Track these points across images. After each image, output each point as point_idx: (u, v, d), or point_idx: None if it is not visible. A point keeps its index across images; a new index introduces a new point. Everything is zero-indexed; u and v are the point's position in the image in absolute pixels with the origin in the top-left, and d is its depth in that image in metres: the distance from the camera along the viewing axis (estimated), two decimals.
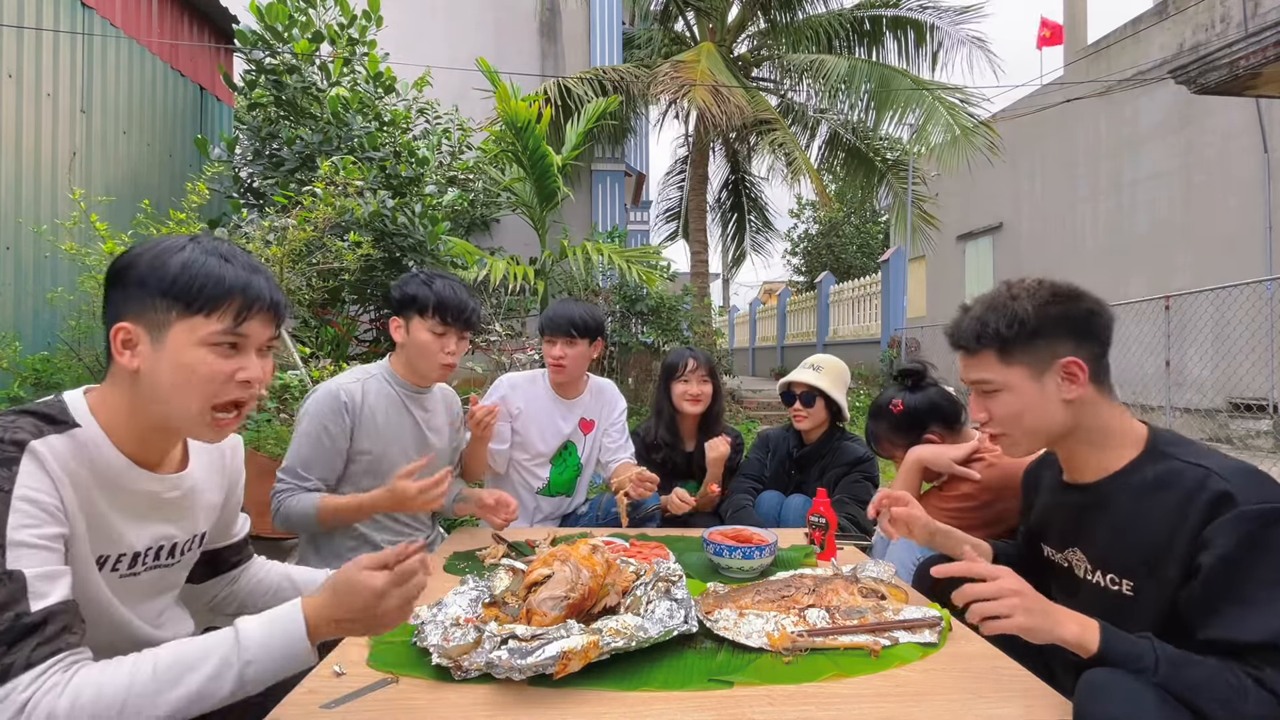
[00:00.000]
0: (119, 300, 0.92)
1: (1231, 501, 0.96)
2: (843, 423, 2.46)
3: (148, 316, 0.90)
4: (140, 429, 0.96)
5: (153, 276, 0.90)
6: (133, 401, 0.94)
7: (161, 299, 0.90)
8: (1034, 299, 1.12)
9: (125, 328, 0.91)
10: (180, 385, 0.92)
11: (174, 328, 0.91)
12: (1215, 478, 0.99)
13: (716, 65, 8.51)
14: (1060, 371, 1.11)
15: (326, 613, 0.87)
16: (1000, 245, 12.17)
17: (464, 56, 7.71)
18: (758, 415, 9.34)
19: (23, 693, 0.73)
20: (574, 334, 2.22)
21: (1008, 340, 1.13)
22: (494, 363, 5.14)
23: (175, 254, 0.91)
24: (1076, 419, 1.13)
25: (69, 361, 3.37)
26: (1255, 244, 7.64)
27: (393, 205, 4.36)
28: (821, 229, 23.00)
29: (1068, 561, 1.21)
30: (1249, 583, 0.93)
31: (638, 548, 1.64)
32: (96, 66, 4.09)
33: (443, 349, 1.79)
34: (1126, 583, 1.09)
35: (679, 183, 14.08)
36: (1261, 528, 0.94)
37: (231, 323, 0.92)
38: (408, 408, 1.85)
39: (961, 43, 9.93)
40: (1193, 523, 0.99)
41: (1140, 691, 0.90)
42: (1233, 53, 4.94)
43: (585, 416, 2.36)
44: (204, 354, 0.91)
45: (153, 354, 0.91)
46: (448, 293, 1.77)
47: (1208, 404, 7.52)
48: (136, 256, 0.92)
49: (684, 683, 1.02)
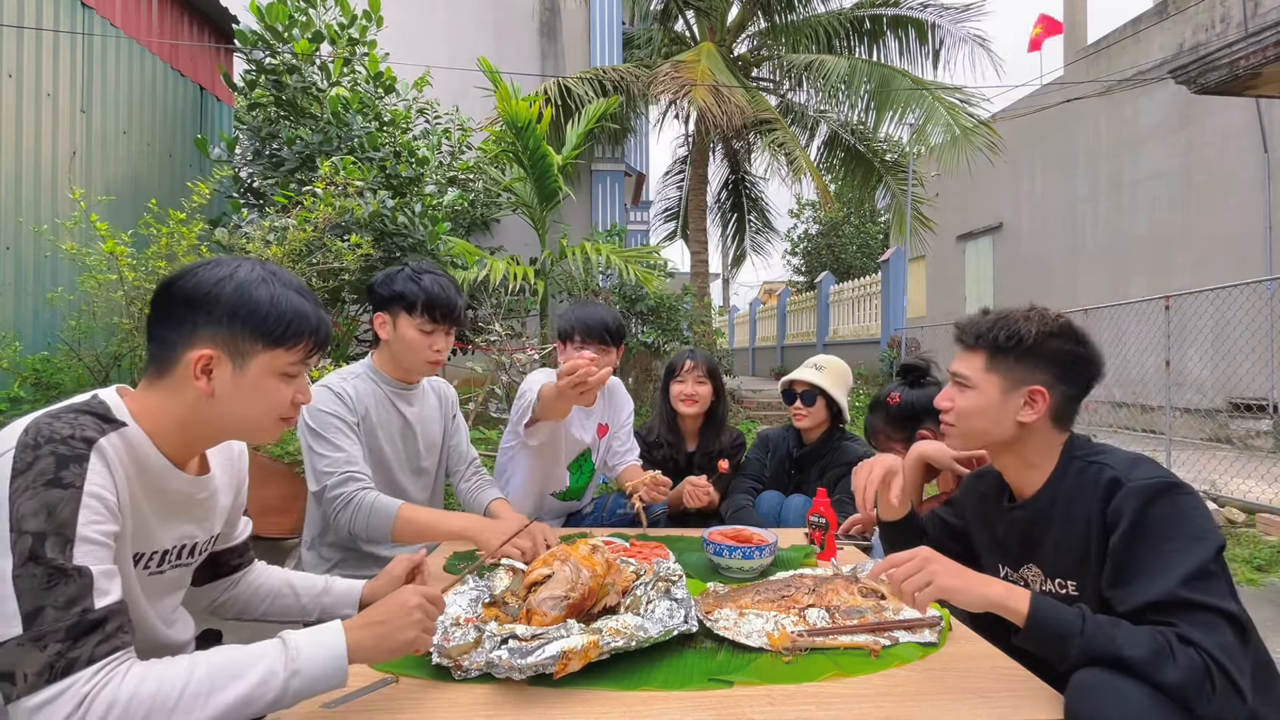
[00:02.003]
0: (199, 325, 0.95)
1: (1119, 483, 1.08)
2: (843, 423, 2.46)
3: (233, 346, 0.96)
4: (188, 437, 1.01)
5: (243, 310, 0.96)
6: (191, 415, 0.98)
7: (250, 332, 0.97)
8: (1042, 325, 1.21)
9: (209, 355, 0.95)
10: (253, 408, 1.00)
11: (258, 358, 0.98)
12: (1106, 469, 1.12)
13: (716, 65, 8.51)
14: (1025, 395, 1.20)
15: (360, 619, 0.93)
16: (1000, 245, 12.17)
17: (464, 56, 7.71)
18: (758, 415, 9.34)
19: (84, 686, 0.75)
20: (608, 340, 2.12)
21: (1000, 349, 1.22)
22: (494, 363, 5.14)
23: (260, 287, 0.98)
24: (1021, 440, 1.23)
25: (69, 361, 3.37)
26: (1255, 244, 7.64)
27: (393, 205, 4.36)
28: (821, 229, 23.00)
29: (1024, 580, 1.26)
30: (1146, 551, 1.04)
31: (638, 548, 1.63)
32: (96, 66, 4.09)
33: (430, 346, 1.74)
34: (1072, 584, 1.16)
35: (679, 183, 14.09)
36: (1146, 502, 1.05)
37: (304, 355, 1.02)
38: (395, 405, 1.82)
39: (963, 41, 9.92)
40: (1098, 512, 1.10)
41: (1131, 691, 0.90)
42: (1233, 53, 4.93)
43: (601, 421, 2.34)
44: (277, 382, 1.00)
45: (232, 380, 0.97)
46: (436, 290, 1.71)
47: (1208, 404, 7.52)
48: (217, 285, 0.96)
49: (684, 683, 1.02)
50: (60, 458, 0.82)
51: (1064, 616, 1.00)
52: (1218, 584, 0.99)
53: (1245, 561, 3.95)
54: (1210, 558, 1.00)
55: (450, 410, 2.02)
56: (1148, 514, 1.04)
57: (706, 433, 2.55)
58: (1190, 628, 0.94)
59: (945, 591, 1.05)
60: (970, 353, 1.27)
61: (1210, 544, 1.01)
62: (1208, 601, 0.96)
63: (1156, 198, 9.01)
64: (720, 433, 2.55)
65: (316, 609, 1.30)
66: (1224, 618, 0.96)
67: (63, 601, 0.77)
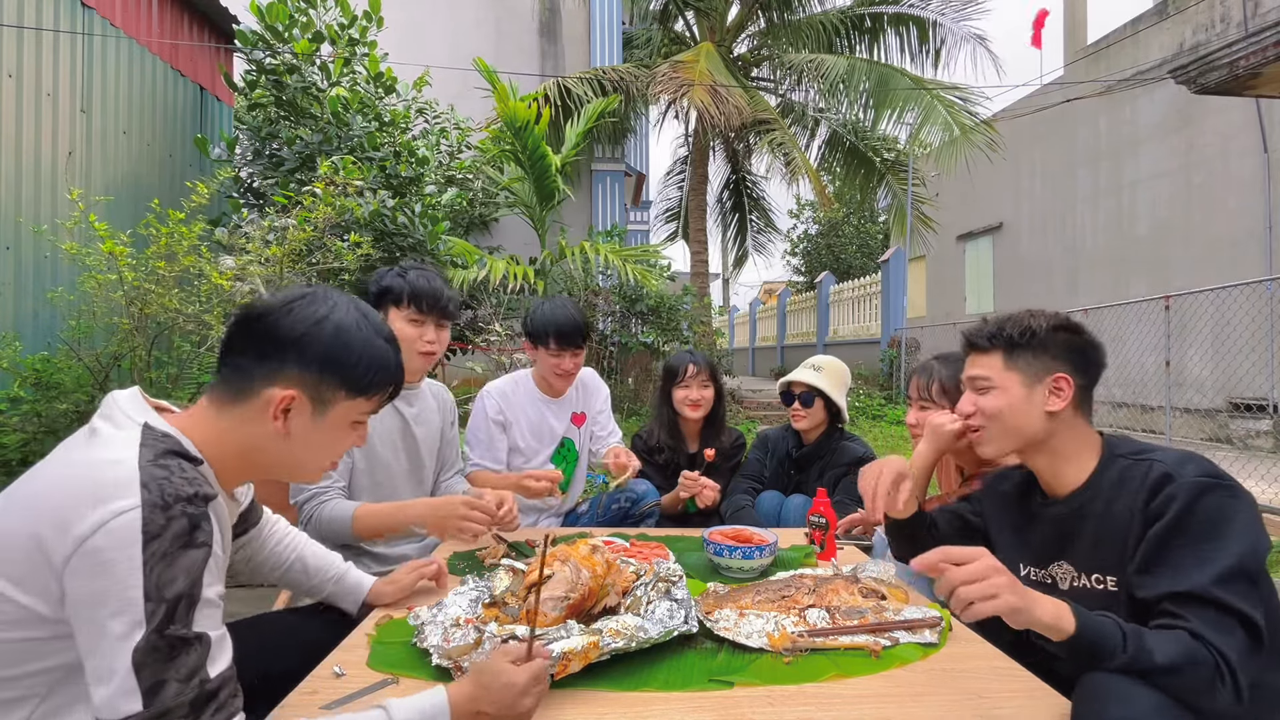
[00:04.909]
0: (286, 363, 0.93)
1: (1170, 478, 1.08)
2: (842, 423, 2.46)
3: (317, 391, 0.95)
4: (243, 467, 0.97)
5: (335, 359, 0.95)
6: (260, 449, 0.95)
7: (339, 380, 0.96)
8: (1050, 321, 1.25)
9: (293, 396, 0.93)
10: (321, 451, 0.99)
11: (339, 406, 0.97)
12: (1157, 464, 1.12)
13: (715, 65, 8.51)
14: (1050, 385, 1.22)
15: (469, 705, 0.88)
16: (1000, 245, 12.16)
17: (464, 56, 7.71)
18: (758, 415, 9.34)
19: None
20: (580, 343, 2.18)
21: (1016, 345, 1.24)
22: (494, 363, 5.14)
23: (355, 334, 0.96)
24: (1052, 431, 1.23)
25: (69, 361, 3.36)
26: (1255, 244, 7.64)
27: (393, 205, 4.36)
28: (821, 229, 22.99)
29: (1051, 577, 1.25)
30: (1183, 544, 1.03)
31: (638, 548, 1.64)
32: (96, 66, 4.09)
33: (421, 337, 1.78)
34: (1111, 579, 1.15)
35: (679, 183, 14.09)
36: (1194, 498, 1.04)
37: (379, 404, 1.02)
38: (394, 405, 1.83)
39: (965, 39, 9.92)
40: (1143, 506, 1.10)
41: (1138, 693, 0.90)
42: (1233, 53, 4.93)
43: (575, 410, 2.36)
44: (348, 430, 1.00)
45: (310, 424, 0.95)
46: (421, 282, 1.77)
47: (1208, 404, 7.52)
48: (315, 326, 0.94)
49: (684, 683, 1.02)
50: (191, 518, 0.78)
51: (1105, 630, 0.96)
52: (1251, 588, 0.98)
53: None
54: (1250, 560, 0.99)
55: (449, 416, 2.05)
56: (1194, 510, 1.03)
57: (707, 434, 2.55)
58: (1203, 625, 0.94)
59: (1007, 609, 0.97)
60: (984, 355, 1.28)
61: (1250, 546, 1.00)
62: (1232, 604, 0.96)
63: (1156, 198, 9.01)
64: (720, 433, 2.56)
65: (323, 592, 1.33)
66: (1241, 623, 0.95)
67: (184, 674, 0.75)
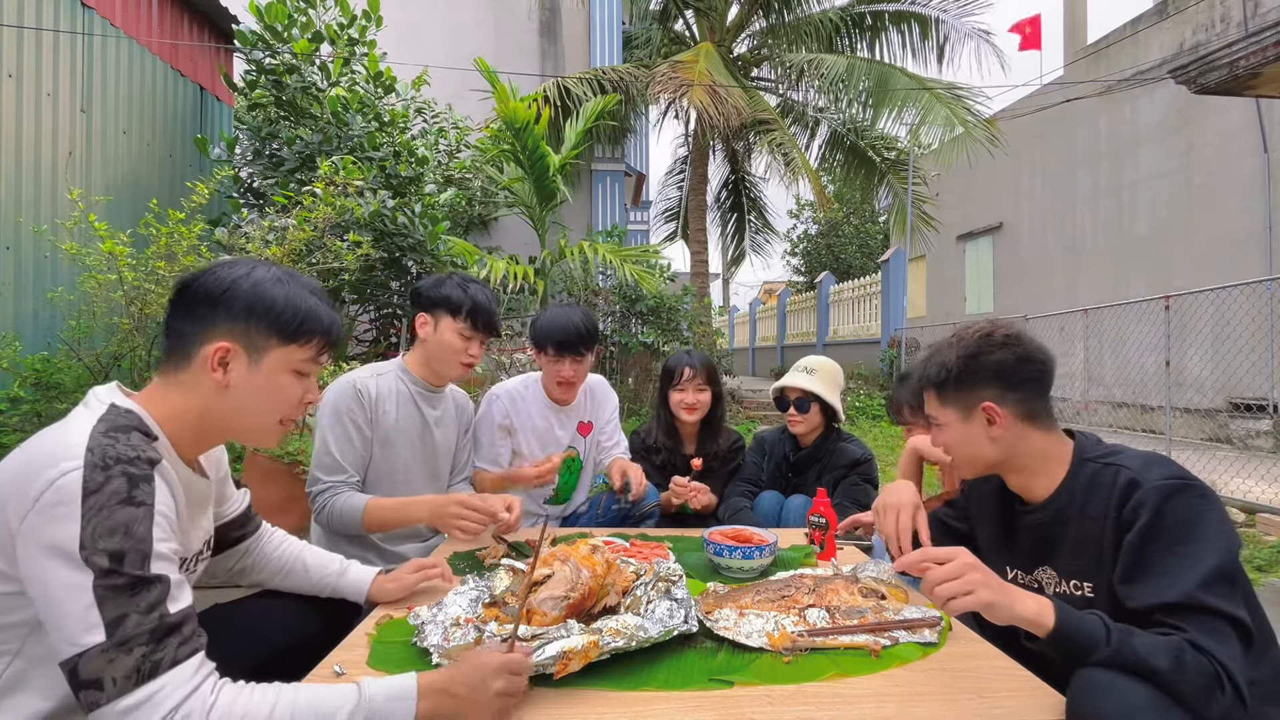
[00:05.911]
0: (217, 320, 0.99)
1: (1136, 484, 1.08)
2: (838, 424, 2.45)
3: (249, 340, 1.00)
4: (203, 435, 1.04)
5: (259, 306, 1.00)
6: (209, 410, 1.01)
7: (266, 327, 1.01)
8: (961, 349, 1.24)
9: (226, 348, 0.99)
10: (265, 402, 1.03)
11: (271, 353, 1.02)
12: (1123, 470, 1.12)
13: (715, 65, 8.51)
14: (980, 415, 1.22)
15: (439, 684, 0.90)
16: (1000, 245, 12.17)
17: (463, 56, 7.71)
18: (757, 415, 9.34)
19: (174, 691, 0.78)
20: (584, 351, 2.12)
21: (940, 384, 1.27)
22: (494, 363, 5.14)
23: (276, 285, 1.02)
24: (1007, 452, 1.23)
25: (69, 361, 3.37)
26: (1255, 244, 7.64)
27: (393, 205, 4.36)
28: (821, 229, 22.99)
29: (1037, 582, 1.26)
30: (1160, 551, 1.04)
31: (638, 548, 1.64)
32: (96, 66, 4.09)
33: (467, 350, 1.86)
34: (1088, 585, 1.16)
35: (679, 183, 14.10)
36: (1162, 501, 1.05)
37: (315, 353, 1.06)
38: (417, 404, 1.89)
39: (968, 36, 9.90)
40: (1114, 513, 1.10)
41: (1132, 689, 0.91)
42: (1233, 53, 4.93)
43: (582, 420, 2.32)
44: (289, 378, 1.04)
45: (246, 374, 1.01)
46: (481, 299, 1.85)
47: (1208, 404, 7.52)
48: (234, 282, 1.00)
49: (684, 683, 1.02)
50: (131, 478, 0.84)
51: (1088, 627, 0.98)
52: (1232, 588, 0.99)
53: (1245, 561, 3.95)
54: (1227, 560, 1.00)
55: (465, 422, 2.08)
56: (1163, 513, 1.04)
57: (704, 436, 2.52)
58: (1202, 635, 0.94)
59: (983, 605, 1.00)
60: (927, 395, 1.32)
61: (1226, 545, 1.01)
62: (1221, 608, 0.96)
63: (1156, 198, 9.01)
64: (718, 435, 2.52)
65: (327, 589, 1.35)
66: (1234, 627, 0.96)
67: (144, 607, 0.80)
